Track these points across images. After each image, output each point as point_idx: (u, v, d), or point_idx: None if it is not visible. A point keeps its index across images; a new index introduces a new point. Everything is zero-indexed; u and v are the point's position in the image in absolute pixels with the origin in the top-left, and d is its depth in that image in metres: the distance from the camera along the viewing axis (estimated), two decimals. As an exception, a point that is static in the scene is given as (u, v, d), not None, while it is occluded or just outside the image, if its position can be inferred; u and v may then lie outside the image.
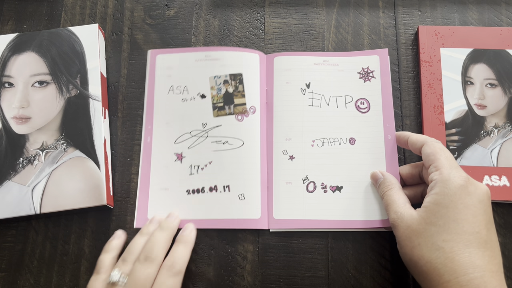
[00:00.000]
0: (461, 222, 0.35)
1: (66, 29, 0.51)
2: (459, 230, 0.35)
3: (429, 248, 0.35)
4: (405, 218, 0.38)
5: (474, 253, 0.34)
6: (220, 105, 0.49)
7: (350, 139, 0.48)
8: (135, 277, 0.39)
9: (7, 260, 0.46)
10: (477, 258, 0.34)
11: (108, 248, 0.43)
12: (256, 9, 0.54)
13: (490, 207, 0.37)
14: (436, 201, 0.37)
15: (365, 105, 0.49)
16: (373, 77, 0.50)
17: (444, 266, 0.34)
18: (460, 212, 0.35)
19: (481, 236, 0.35)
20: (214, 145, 0.48)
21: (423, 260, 0.36)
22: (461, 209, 0.36)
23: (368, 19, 0.53)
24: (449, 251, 0.34)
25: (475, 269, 0.33)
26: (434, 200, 0.37)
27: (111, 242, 0.44)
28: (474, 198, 0.36)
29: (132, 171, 0.48)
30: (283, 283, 0.45)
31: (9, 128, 0.47)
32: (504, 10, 0.53)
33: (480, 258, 0.34)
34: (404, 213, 0.39)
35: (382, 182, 0.44)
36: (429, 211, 0.37)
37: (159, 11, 0.54)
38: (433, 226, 0.36)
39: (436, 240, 0.35)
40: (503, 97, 0.49)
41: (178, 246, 0.42)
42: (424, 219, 0.37)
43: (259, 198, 0.47)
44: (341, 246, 0.46)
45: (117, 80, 0.52)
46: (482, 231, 0.35)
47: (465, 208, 0.36)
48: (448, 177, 0.37)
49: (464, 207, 0.36)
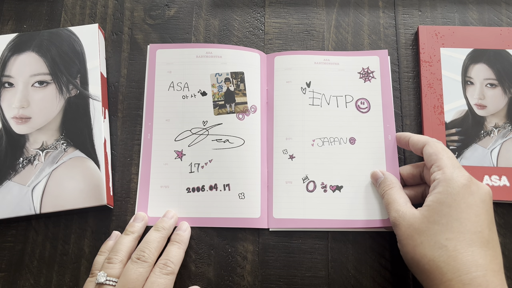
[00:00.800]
0: (464, 221, 0.35)
1: (66, 29, 0.51)
2: (462, 229, 0.35)
3: (432, 246, 0.35)
4: (407, 216, 0.38)
5: (477, 252, 0.34)
6: (221, 103, 0.49)
7: (350, 138, 0.48)
8: (127, 276, 0.39)
9: (7, 260, 0.46)
10: (479, 257, 0.34)
11: (103, 249, 0.44)
12: (256, 9, 0.54)
13: (491, 207, 0.37)
14: (439, 200, 0.37)
15: (365, 105, 0.49)
16: (373, 78, 0.50)
17: (446, 264, 0.34)
18: (463, 211, 0.36)
19: (484, 236, 0.35)
20: (215, 143, 0.48)
21: (425, 258, 0.36)
22: (464, 208, 0.36)
23: (368, 19, 0.53)
24: (452, 249, 0.34)
25: (478, 268, 0.33)
26: (437, 199, 0.37)
27: (107, 243, 0.44)
28: (476, 197, 0.36)
29: (132, 171, 0.48)
30: (283, 283, 0.45)
31: (9, 128, 0.47)
32: (504, 10, 0.53)
33: (482, 257, 0.34)
34: (406, 211, 0.39)
35: (383, 181, 0.44)
36: (432, 209, 0.37)
37: (159, 11, 0.54)
38: (436, 224, 0.36)
39: (439, 238, 0.35)
40: (503, 97, 0.49)
41: (172, 245, 0.43)
42: (427, 217, 0.37)
43: (259, 197, 0.47)
44: (341, 246, 0.46)
45: (117, 80, 0.52)
46: (484, 230, 0.35)
47: (468, 207, 0.36)
48: (451, 176, 0.37)
49: (467, 207, 0.36)
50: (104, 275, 0.39)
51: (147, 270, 0.40)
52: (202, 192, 0.47)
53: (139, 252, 0.41)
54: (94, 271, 0.42)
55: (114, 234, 0.45)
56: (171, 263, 0.41)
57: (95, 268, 0.42)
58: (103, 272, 0.40)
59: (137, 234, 0.44)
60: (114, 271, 0.40)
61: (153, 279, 0.39)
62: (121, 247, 0.42)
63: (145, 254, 0.40)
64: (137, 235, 0.44)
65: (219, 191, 0.47)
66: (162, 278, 0.39)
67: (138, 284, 0.39)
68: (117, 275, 0.40)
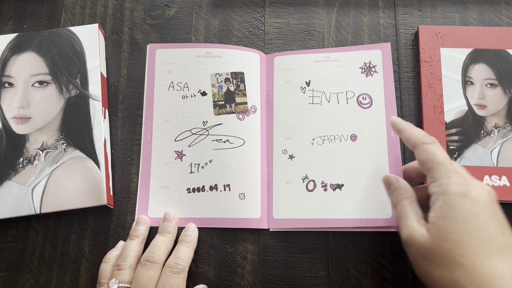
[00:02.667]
0: (473, 233, 0.33)
1: (66, 29, 0.51)
2: (473, 242, 0.33)
3: (449, 266, 0.33)
4: (417, 235, 0.35)
5: (496, 263, 0.32)
6: (221, 103, 0.49)
7: (352, 135, 0.48)
8: (138, 280, 0.39)
9: (7, 260, 0.46)
10: (500, 267, 0.32)
11: (109, 257, 0.43)
12: (256, 9, 0.54)
13: (498, 209, 0.35)
14: (442, 215, 0.34)
15: (367, 100, 0.49)
16: (375, 72, 0.49)
17: (470, 283, 0.32)
18: (469, 222, 0.33)
19: (498, 243, 0.33)
20: (215, 144, 0.48)
21: (445, 280, 0.33)
22: (470, 218, 0.33)
23: (368, 19, 0.53)
24: (470, 266, 0.32)
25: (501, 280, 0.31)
26: (439, 215, 0.34)
27: (111, 253, 0.44)
28: (479, 204, 0.34)
29: (132, 171, 0.48)
30: (283, 283, 0.45)
31: (9, 128, 0.47)
32: (504, 10, 0.53)
33: (502, 266, 0.32)
34: (417, 230, 0.36)
35: (396, 189, 0.40)
36: (438, 227, 0.34)
37: (159, 11, 0.54)
38: (446, 242, 0.33)
39: (454, 256, 0.33)
40: (503, 97, 0.49)
41: (181, 245, 0.43)
42: (435, 236, 0.34)
43: (260, 197, 0.47)
44: (341, 246, 0.46)
45: (117, 80, 0.52)
46: (497, 237, 0.33)
47: (473, 216, 0.33)
48: (446, 188, 0.35)
49: (472, 216, 0.33)
50: (116, 282, 0.39)
51: (157, 272, 0.40)
52: (203, 193, 0.47)
53: (148, 254, 0.41)
54: (101, 279, 0.41)
55: (119, 244, 0.45)
56: (181, 261, 0.41)
57: (102, 276, 0.42)
58: (114, 279, 0.40)
59: (142, 238, 0.44)
60: (125, 277, 0.40)
61: (165, 280, 0.39)
62: (128, 252, 0.42)
63: (154, 255, 0.41)
64: (142, 238, 0.44)
65: (220, 191, 0.47)
66: (173, 278, 0.40)
67: (151, 287, 0.39)
68: (129, 281, 0.40)
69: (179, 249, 0.43)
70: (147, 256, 0.41)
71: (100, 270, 0.42)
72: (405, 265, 0.45)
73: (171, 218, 0.45)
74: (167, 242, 0.43)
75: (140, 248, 0.43)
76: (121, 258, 0.41)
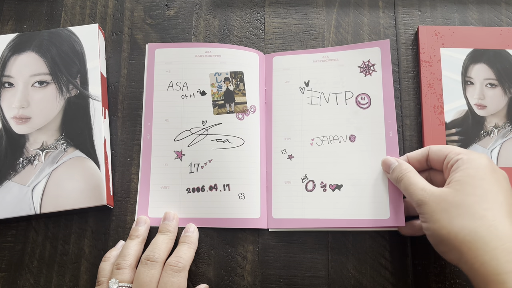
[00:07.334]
0: (497, 193, 0.36)
1: (66, 29, 0.51)
2: (497, 200, 0.36)
3: (471, 217, 0.35)
4: (436, 193, 0.38)
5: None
6: (220, 102, 0.49)
7: (350, 136, 0.48)
8: (139, 280, 0.39)
9: (7, 260, 0.46)
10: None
11: (108, 255, 0.43)
12: (256, 9, 0.54)
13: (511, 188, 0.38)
14: (469, 174, 0.37)
15: (365, 100, 0.49)
16: (374, 71, 0.49)
17: (489, 233, 0.34)
18: (494, 184, 0.37)
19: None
20: (214, 143, 0.48)
21: (465, 230, 0.35)
22: (494, 182, 0.37)
23: (368, 19, 0.53)
24: (492, 219, 0.35)
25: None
26: (467, 174, 0.37)
27: (111, 252, 0.44)
28: (500, 175, 0.38)
29: (132, 171, 0.48)
30: (283, 283, 0.45)
31: (9, 128, 0.47)
32: (504, 10, 0.53)
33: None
34: (433, 189, 0.39)
35: (397, 166, 0.43)
36: (464, 183, 0.37)
37: (159, 11, 0.54)
38: (471, 196, 0.36)
39: (477, 209, 0.36)
40: (503, 97, 0.49)
41: (182, 245, 0.43)
42: (460, 191, 0.37)
43: (259, 197, 0.47)
44: (341, 246, 0.46)
45: (117, 80, 0.52)
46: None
47: (497, 182, 0.37)
48: (473, 156, 0.38)
49: (496, 181, 0.37)
50: (116, 282, 0.39)
51: (158, 271, 0.40)
52: (202, 193, 0.47)
53: (149, 253, 0.41)
54: (100, 278, 0.41)
55: (119, 243, 0.45)
56: (182, 259, 0.41)
57: (101, 275, 0.41)
58: (114, 279, 0.40)
59: (142, 238, 0.44)
60: (125, 276, 0.40)
61: (166, 279, 0.39)
62: (128, 251, 0.42)
63: (155, 254, 0.41)
64: (142, 238, 0.44)
65: (219, 191, 0.47)
66: (174, 276, 0.40)
67: (152, 286, 0.39)
68: (129, 280, 0.40)
69: (180, 249, 0.43)
70: (148, 255, 0.41)
71: (99, 268, 0.42)
72: (405, 265, 0.45)
73: (171, 217, 0.45)
74: (167, 241, 0.43)
75: (140, 248, 0.43)
76: (120, 257, 0.41)
